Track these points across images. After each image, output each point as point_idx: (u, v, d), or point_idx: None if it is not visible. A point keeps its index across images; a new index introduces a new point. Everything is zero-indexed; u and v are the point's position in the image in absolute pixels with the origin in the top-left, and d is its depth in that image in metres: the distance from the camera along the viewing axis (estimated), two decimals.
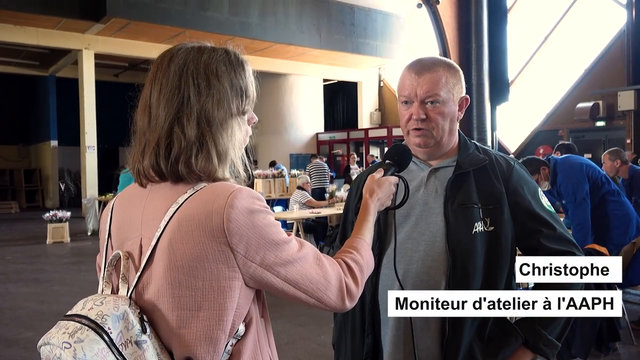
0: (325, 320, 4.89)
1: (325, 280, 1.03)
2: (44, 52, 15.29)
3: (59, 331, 0.93)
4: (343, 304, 1.05)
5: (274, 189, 11.62)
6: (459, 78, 1.47)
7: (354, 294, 1.06)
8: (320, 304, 1.03)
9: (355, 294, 1.07)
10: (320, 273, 1.02)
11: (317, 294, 1.02)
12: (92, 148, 13.88)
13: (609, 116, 12.94)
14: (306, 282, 1.00)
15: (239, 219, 0.94)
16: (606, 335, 3.83)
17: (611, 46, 13.14)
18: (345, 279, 1.05)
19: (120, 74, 18.80)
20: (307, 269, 1.01)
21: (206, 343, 0.95)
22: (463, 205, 1.41)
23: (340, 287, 1.04)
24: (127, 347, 0.92)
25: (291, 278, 0.99)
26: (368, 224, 1.22)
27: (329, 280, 1.03)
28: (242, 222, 0.95)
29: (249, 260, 0.96)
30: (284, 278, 0.99)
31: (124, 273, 1.03)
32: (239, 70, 1.08)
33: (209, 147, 1.01)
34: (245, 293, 0.99)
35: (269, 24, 13.86)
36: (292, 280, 0.99)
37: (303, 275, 1.00)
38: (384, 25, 16.22)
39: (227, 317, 0.96)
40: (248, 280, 0.98)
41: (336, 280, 1.04)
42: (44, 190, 19.30)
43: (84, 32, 13.13)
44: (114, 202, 1.17)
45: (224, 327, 0.96)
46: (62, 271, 7.59)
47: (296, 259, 1.00)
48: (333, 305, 1.04)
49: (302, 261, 1.01)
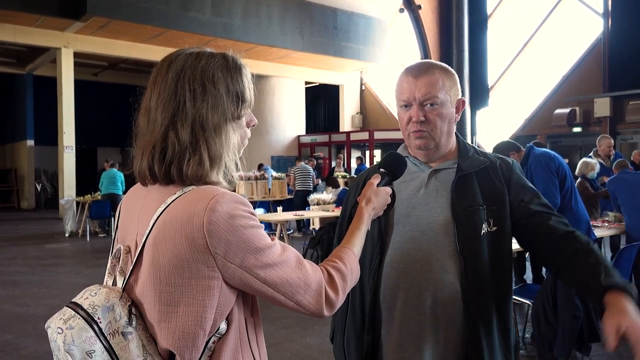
0: (311, 322, 4.89)
1: (305, 284, 1.05)
2: (22, 50, 15.01)
3: (58, 316, 1.00)
4: (321, 310, 1.07)
5: (256, 191, 11.59)
6: (454, 81, 1.51)
7: (333, 301, 1.09)
8: (299, 307, 1.05)
9: (334, 302, 1.09)
10: (301, 277, 1.05)
11: (296, 297, 1.04)
12: (71, 148, 13.66)
13: (586, 122, 13.22)
14: (285, 285, 1.03)
15: (218, 222, 0.97)
16: (587, 336, 3.92)
17: (588, 54, 13.44)
18: (325, 286, 1.08)
19: (99, 74, 18.57)
20: (288, 273, 1.04)
21: (185, 338, 0.99)
22: (470, 207, 1.44)
23: (320, 293, 1.07)
24: (114, 337, 0.98)
25: (270, 280, 1.02)
26: (360, 233, 1.24)
27: (308, 285, 1.05)
28: (222, 225, 0.97)
29: (228, 262, 0.99)
30: (263, 280, 1.01)
31: (122, 266, 1.08)
32: (236, 75, 1.10)
33: (202, 151, 1.04)
34: (227, 292, 1.02)
35: (251, 26, 13.84)
36: (271, 283, 1.02)
37: (282, 278, 1.03)
38: (366, 29, 16.33)
39: (206, 314, 0.99)
40: (228, 280, 1.00)
41: (316, 285, 1.07)
42: (19, 190, 18.90)
43: (63, 30, 12.95)
44: (124, 198, 1.23)
45: (203, 323, 0.99)
46: (40, 273, 7.45)
47: (277, 262, 1.03)
48: (312, 310, 1.06)
49: (283, 265, 1.04)
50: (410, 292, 1.45)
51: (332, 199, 9.42)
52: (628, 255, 4.63)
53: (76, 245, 10.11)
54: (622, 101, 12.48)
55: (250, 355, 1.07)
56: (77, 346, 0.95)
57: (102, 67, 17.95)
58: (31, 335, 4.63)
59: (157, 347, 1.01)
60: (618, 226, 5.59)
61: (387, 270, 1.48)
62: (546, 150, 4.61)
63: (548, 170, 4.25)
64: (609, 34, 12.76)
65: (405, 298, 1.46)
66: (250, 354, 1.08)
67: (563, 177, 4.32)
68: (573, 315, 3.80)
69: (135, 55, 14.26)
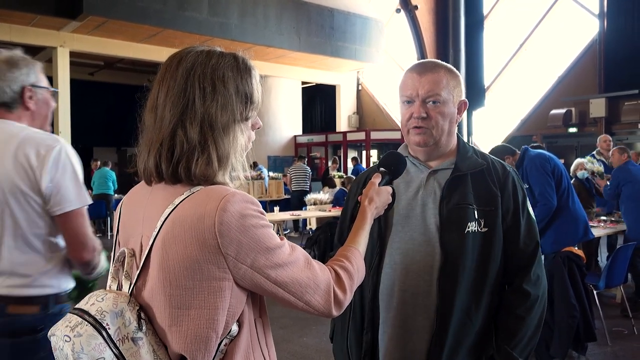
0: (308, 322, 4.90)
1: (315, 284, 1.05)
2: (17, 49, 14.94)
3: (63, 323, 0.97)
4: (330, 309, 1.07)
5: (253, 191, 11.58)
6: (458, 81, 1.52)
7: (342, 301, 1.09)
8: (308, 307, 1.05)
9: (342, 301, 1.09)
10: (310, 277, 1.04)
11: (306, 297, 1.04)
12: None
13: (581, 123, 13.25)
14: (295, 285, 1.02)
15: (230, 222, 0.96)
16: (583, 335, 3.93)
17: (584, 55, 13.47)
18: (333, 285, 1.08)
19: (95, 73, 18.48)
20: (297, 273, 1.03)
21: (197, 341, 0.97)
22: (457, 205, 1.45)
23: (328, 292, 1.06)
24: (124, 343, 0.95)
25: (281, 281, 1.01)
26: (364, 232, 1.24)
27: (317, 285, 1.05)
28: (234, 225, 0.96)
29: (239, 262, 0.97)
30: (274, 280, 1.00)
31: (127, 270, 1.06)
32: (246, 76, 1.09)
33: (210, 151, 1.03)
34: (238, 294, 1.01)
35: (248, 26, 13.82)
36: (282, 283, 1.01)
37: (293, 278, 1.02)
38: (362, 29, 16.33)
39: (218, 316, 0.98)
40: (239, 281, 0.99)
41: (325, 285, 1.06)
42: None
43: (59, 29, 12.89)
44: (123, 199, 1.20)
45: (215, 326, 0.97)
46: None
47: (287, 262, 1.02)
48: (321, 310, 1.06)
49: (293, 265, 1.03)
50: (408, 293, 1.46)
51: (328, 199, 9.42)
52: (624, 254, 4.65)
53: None
54: (617, 102, 12.52)
55: (261, 355, 1.07)
56: (87, 354, 0.93)
57: (98, 67, 17.87)
58: None
59: (168, 351, 0.99)
60: (614, 226, 5.61)
61: (386, 270, 1.49)
62: (541, 151, 4.62)
63: (543, 171, 4.26)
64: (605, 35, 12.79)
65: (403, 298, 1.46)
66: (260, 354, 1.07)
67: (559, 178, 4.32)
68: (569, 315, 3.82)
69: (131, 55, 14.21)
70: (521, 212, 1.49)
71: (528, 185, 4.28)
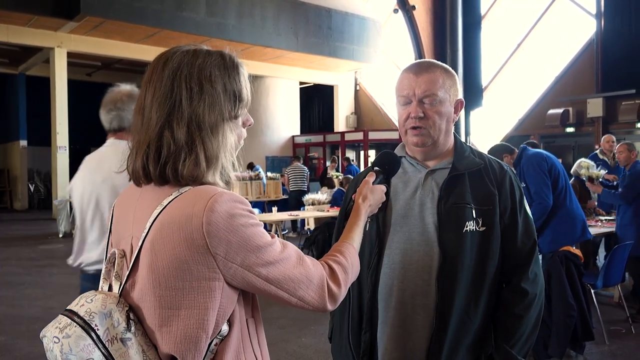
0: (306, 322, 4.89)
1: (307, 279, 1.04)
2: (14, 50, 14.90)
3: (53, 325, 0.97)
4: (325, 304, 1.06)
5: (251, 192, 11.58)
6: (454, 81, 1.53)
7: (336, 295, 1.08)
8: (303, 303, 1.04)
9: (337, 295, 1.08)
10: (303, 272, 1.04)
11: (299, 293, 1.03)
12: (64, 148, 13.59)
13: (579, 122, 13.28)
14: (288, 281, 1.02)
15: (218, 222, 0.95)
16: (580, 335, 3.94)
17: (581, 55, 13.50)
18: (327, 280, 1.07)
19: (93, 73, 18.47)
20: (289, 269, 1.03)
21: (187, 342, 0.96)
22: (455, 204, 1.45)
23: (322, 287, 1.06)
24: (113, 344, 0.95)
25: (272, 278, 1.00)
26: (358, 229, 1.24)
27: (310, 280, 1.05)
28: (222, 225, 0.96)
29: (229, 262, 0.97)
30: (265, 278, 1.00)
31: (117, 271, 1.06)
32: (234, 74, 1.08)
33: (198, 151, 1.02)
34: (228, 293, 1.00)
35: (246, 26, 13.82)
36: (274, 280, 1.01)
37: (285, 274, 1.02)
38: (360, 29, 16.34)
39: (208, 316, 0.97)
40: (230, 280, 0.99)
41: (318, 280, 1.06)
42: (12, 191, 18.79)
43: (56, 30, 12.88)
44: (116, 200, 1.20)
45: (205, 326, 0.97)
46: (34, 274, 7.41)
47: (278, 259, 1.01)
48: (315, 304, 1.05)
49: (284, 262, 1.02)
50: (407, 292, 1.46)
51: (327, 199, 9.42)
52: (621, 253, 4.66)
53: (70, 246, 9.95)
54: (615, 101, 12.54)
55: (252, 355, 1.07)
56: (75, 355, 0.93)
57: (95, 67, 17.86)
58: (25, 337, 4.60)
59: (158, 352, 0.99)
60: (612, 225, 5.60)
61: (385, 270, 1.49)
62: (539, 150, 4.62)
63: (540, 170, 4.27)
64: (602, 35, 12.82)
65: (402, 298, 1.46)
66: (252, 354, 1.07)
67: (556, 177, 4.33)
68: (567, 314, 3.82)
69: (129, 55, 14.20)
70: (518, 210, 1.50)
71: (525, 184, 4.30)
